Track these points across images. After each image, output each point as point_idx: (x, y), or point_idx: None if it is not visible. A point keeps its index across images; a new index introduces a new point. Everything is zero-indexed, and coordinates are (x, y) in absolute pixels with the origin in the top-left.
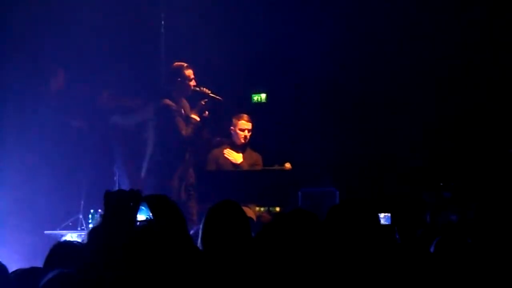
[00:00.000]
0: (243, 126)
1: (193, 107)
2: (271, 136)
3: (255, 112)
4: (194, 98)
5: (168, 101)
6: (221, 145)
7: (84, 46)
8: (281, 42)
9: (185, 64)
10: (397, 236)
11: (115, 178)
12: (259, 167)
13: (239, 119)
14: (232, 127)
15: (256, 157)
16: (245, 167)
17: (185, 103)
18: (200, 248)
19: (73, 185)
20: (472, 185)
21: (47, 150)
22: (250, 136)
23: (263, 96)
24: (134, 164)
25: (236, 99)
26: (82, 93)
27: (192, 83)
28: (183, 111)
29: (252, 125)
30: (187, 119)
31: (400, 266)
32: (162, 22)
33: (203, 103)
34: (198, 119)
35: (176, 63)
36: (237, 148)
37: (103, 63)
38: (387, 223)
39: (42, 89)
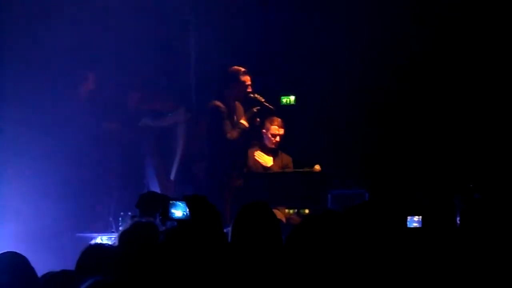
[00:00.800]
0: (275, 131)
1: (245, 112)
2: (300, 138)
3: (283, 114)
4: (247, 104)
5: (218, 103)
6: (252, 147)
7: (115, 48)
8: (310, 43)
9: (243, 69)
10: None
11: (144, 181)
12: (290, 170)
13: (272, 123)
14: (264, 130)
15: (287, 159)
16: (275, 170)
17: (238, 107)
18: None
19: (103, 188)
20: (503, 186)
21: (78, 153)
22: (281, 139)
23: (292, 98)
24: (164, 167)
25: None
26: (113, 96)
27: (248, 89)
28: (235, 116)
29: (284, 130)
30: (236, 123)
31: (432, 267)
32: (192, 25)
33: (255, 110)
34: (246, 125)
35: (234, 67)
36: (267, 151)
37: (133, 66)
38: (418, 225)
39: (72, 92)
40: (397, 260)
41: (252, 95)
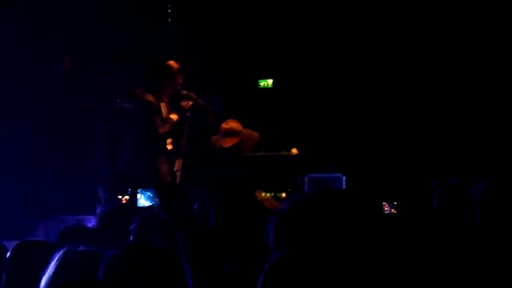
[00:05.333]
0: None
1: (174, 107)
2: (277, 121)
3: (261, 97)
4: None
5: (150, 97)
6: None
7: (89, 33)
8: (286, 28)
9: (177, 67)
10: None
11: (121, 163)
12: (267, 153)
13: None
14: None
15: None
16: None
17: (166, 101)
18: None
19: (82, 170)
20: (479, 170)
21: (55, 134)
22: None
23: (270, 81)
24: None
25: (243, 84)
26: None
27: (179, 87)
28: (162, 110)
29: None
30: (165, 118)
31: (406, 255)
32: (169, 8)
33: (185, 105)
34: (175, 119)
35: (169, 62)
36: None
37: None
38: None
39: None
40: (373, 247)
41: (184, 92)
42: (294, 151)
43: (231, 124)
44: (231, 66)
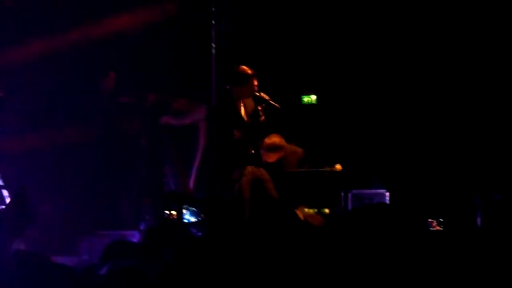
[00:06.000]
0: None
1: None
2: (321, 138)
3: (305, 113)
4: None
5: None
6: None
7: (135, 48)
8: (331, 43)
9: (251, 72)
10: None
11: (165, 179)
12: (311, 169)
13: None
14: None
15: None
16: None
17: (248, 104)
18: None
19: (124, 186)
20: None
21: (99, 151)
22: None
23: (313, 97)
24: (184, 165)
25: (286, 100)
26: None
27: (255, 89)
28: (243, 114)
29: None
30: (242, 122)
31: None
32: (213, 22)
33: (260, 108)
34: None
35: (242, 67)
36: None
37: (153, 66)
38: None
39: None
40: (419, 263)
41: (258, 93)
42: (338, 166)
43: (274, 139)
44: (275, 81)
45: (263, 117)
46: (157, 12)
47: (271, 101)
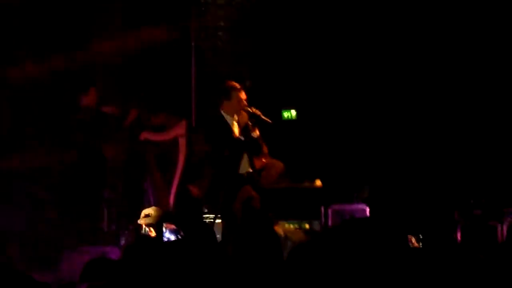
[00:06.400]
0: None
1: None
2: (301, 153)
3: (285, 128)
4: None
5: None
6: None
7: (115, 63)
8: (310, 59)
9: (239, 86)
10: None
11: (144, 196)
12: (290, 185)
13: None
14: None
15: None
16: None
17: (237, 120)
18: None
19: (103, 201)
20: (503, 201)
21: (77, 165)
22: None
23: (293, 112)
24: (164, 181)
25: (266, 115)
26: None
27: (244, 104)
28: (235, 130)
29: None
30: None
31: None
32: (192, 43)
33: (251, 123)
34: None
35: (229, 82)
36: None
37: (132, 81)
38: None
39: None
40: (398, 281)
41: (249, 109)
42: (318, 182)
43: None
44: (254, 96)
45: (257, 132)
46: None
47: (262, 116)
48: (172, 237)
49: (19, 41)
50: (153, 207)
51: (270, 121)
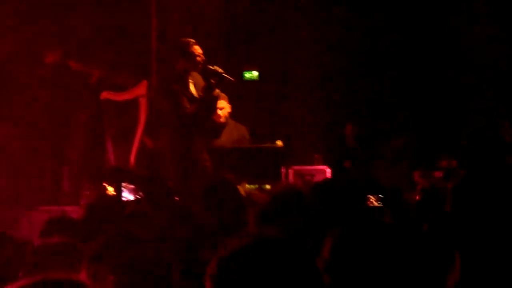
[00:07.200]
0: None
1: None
2: (262, 113)
3: (247, 89)
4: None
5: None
6: None
7: (77, 23)
8: (273, 19)
9: (193, 41)
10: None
11: (105, 155)
12: (251, 145)
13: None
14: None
15: (242, 130)
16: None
17: (194, 78)
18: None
19: (64, 161)
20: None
21: (38, 124)
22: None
23: (255, 73)
24: (125, 141)
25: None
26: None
27: (201, 59)
28: (190, 88)
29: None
30: (193, 96)
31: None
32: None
33: (213, 81)
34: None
35: (182, 39)
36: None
37: (94, 40)
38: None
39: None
40: (356, 240)
41: (211, 66)
42: (279, 143)
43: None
44: (216, 58)
45: (216, 91)
46: None
47: (224, 74)
48: (131, 197)
49: None
50: (114, 166)
51: (232, 79)
